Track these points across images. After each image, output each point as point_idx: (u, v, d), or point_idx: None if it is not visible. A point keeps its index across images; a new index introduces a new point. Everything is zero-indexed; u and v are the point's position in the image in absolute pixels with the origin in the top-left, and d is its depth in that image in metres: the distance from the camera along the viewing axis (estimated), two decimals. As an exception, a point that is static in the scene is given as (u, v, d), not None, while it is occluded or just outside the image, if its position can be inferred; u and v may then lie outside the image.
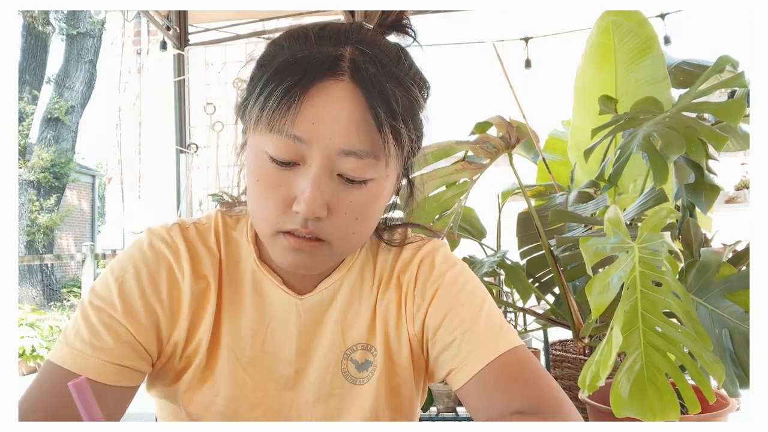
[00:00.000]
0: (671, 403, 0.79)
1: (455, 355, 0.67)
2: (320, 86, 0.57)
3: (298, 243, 0.61)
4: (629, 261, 0.90)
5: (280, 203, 0.60)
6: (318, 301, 0.71)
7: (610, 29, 1.95)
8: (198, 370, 0.69)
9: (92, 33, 10.47)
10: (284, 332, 0.70)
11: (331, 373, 0.71)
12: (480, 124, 1.69)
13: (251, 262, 0.71)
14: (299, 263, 0.63)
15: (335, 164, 0.59)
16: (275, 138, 0.58)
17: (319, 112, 0.57)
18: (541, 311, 1.81)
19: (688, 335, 0.84)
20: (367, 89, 0.58)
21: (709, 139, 1.21)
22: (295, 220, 0.60)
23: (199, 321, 0.68)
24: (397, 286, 0.72)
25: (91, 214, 13.98)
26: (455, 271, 0.72)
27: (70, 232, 12.65)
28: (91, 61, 10.53)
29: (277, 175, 0.60)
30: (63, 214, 10.45)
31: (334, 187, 0.60)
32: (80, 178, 12.67)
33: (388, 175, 0.63)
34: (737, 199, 4.02)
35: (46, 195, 9.99)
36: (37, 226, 9.85)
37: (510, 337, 0.68)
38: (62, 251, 11.75)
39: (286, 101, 0.57)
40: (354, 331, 0.72)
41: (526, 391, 0.63)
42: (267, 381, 0.70)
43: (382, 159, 0.60)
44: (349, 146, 0.58)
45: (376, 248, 0.75)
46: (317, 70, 0.57)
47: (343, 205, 0.60)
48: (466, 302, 0.69)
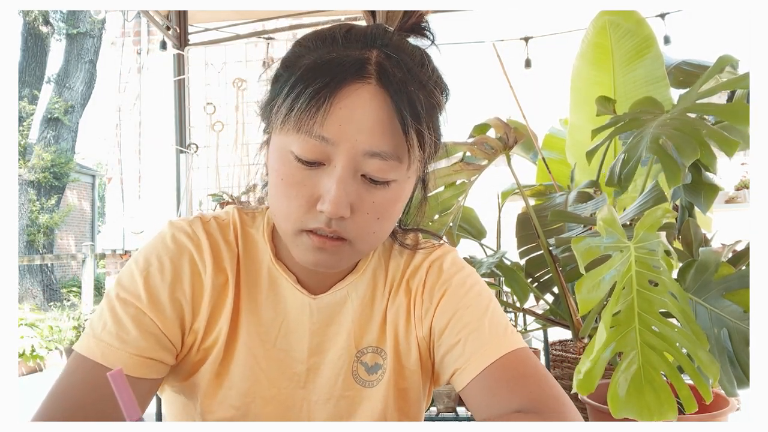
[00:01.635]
0: (668, 402, 0.79)
1: (459, 356, 0.69)
2: (348, 89, 0.59)
3: (321, 242, 0.62)
4: (625, 260, 0.90)
5: (304, 202, 0.61)
6: (331, 302, 0.72)
7: (607, 29, 1.95)
8: (215, 363, 0.69)
9: (92, 33, 10.46)
10: (297, 330, 0.72)
11: (342, 374, 0.72)
12: (478, 126, 1.69)
13: (267, 259, 0.72)
14: (320, 262, 0.64)
15: (360, 165, 0.60)
16: (302, 138, 0.59)
17: (346, 114, 0.59)
18: (541, 311, 1.82)
19: (684, 335, 0.84)
20: (394, 92, 0.59)
21: (720, 144, 1.20)
22: (319, 219, 0.61)
23: (218, 314, 0.70)
24: (406, 291, 0.74)
25: (91, 214, 13.98)
26: (463, 275, 0.74)
27: (70, 232, 12.66)
28: (91, 61, 10.52)
29: (302, 174, 0.61)
30: (63, 214, 10.45)
31: (358, 187, 0.61)
32: (80, 178, 12.67)
33: (410, 177, 0.65)
34: (737, 199, 4.03)
35: (46, 195, 9.99)
36: (37, 226, 9.85)
37: (513, 338, 0.69)
38: (62, 251, 11.75)
39: (315, 103, 0.58)
40: (365, 334, 0.73)
41: (527, 390, 0.64)
42: (280, 378, 0.71)
43: (404, 161, 0.61)
44: (375, 148, 0.59)
45: (389, 253, 0.77)
46: (345, 73, 0.59)
47: (366, 205, 0.62)
48: (472, 305, 0.71)
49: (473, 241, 1.90)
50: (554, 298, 1.77)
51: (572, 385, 0.84)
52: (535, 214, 1.67)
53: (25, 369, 4.73)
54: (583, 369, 0.82)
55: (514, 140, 1.60)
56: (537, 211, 1.75)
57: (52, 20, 10.55)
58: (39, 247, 9.97)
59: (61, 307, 6.84)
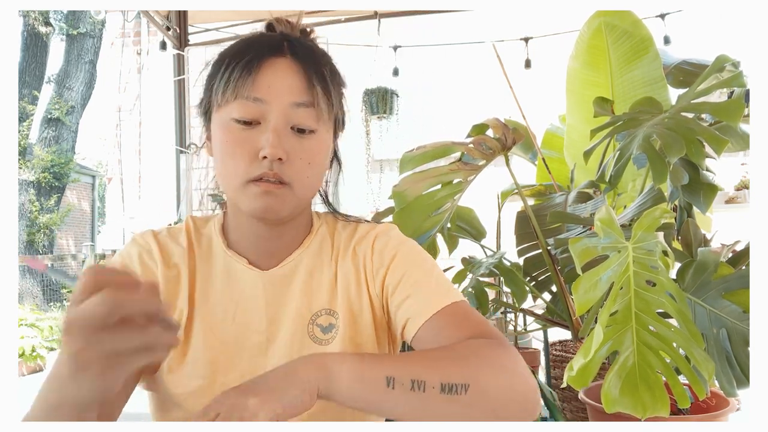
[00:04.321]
0: (661, 398, 0.80)
1: (410, 306, 0.78)
2: (270, 61, 0.76)
3: (266, 186, 0.74)
4: (623, 260, 0.90)
5: (247, 155, 0.74)
6: (281, 275, 0.82)
7: (603, 31, 1.94)
8: (177, 348, 0.77)
9: (92, 33, 10.46)
10: (253, 305, 0.81)
11: (299, 337, 0.80)
12: (476, 127, 1.69)
13: (220, 249, 0.84)
14: (268, 206, 0.75)
15: (289, 117, 0.75)
16: (240, 103, 0.75)
17: (272, 78, 0.75)
18: (541, 312, 1.82)
19: (681, 335, 0.85)
20: (304, 62, 0.77)
21: (710, 141, 1.20)
22: (263, 166, 0.74)
23: (173, 300, 0.80)
24: (353, 256, 0.84)
25: (91, 214, 13.98)
26: (411, 244, 0.86)
27: (70, 232, 12.66)
28: (91, 61, 10.52)
29: (243, 134, 0.75)
30: (63, 214, 10.44)
31: (290, 137, 0.76)
32: (80, 178, 12.67)
33: (327, 130, 0.81)
34: (737, 199, 4.02)
35: (46, 195, 9.99)
36: (37, 226, 9.85)
37: (457, 294, 0.79)
38: (62, 251, 11.75)
39: (247, 71, 0.74)
40: (317, 299, 0.82)
41: (473, 327, 0.74)
42: (241, 349, 0.80)
43: (321, 113, 0.77)
44: (298, 99, 0.76)
45: (333, 227, 0.89)
46: (266, 49, 0.77)
47: (298, 152, 0.76)
48: (421, 267, 0.82)
49: (473, 242, 1.89)
50: (552, 296, 1.77)
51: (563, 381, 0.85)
52: (535, 214, 1.67)
53: (25, 369, 4.73)
54: (576, 365, 0.83)
55: (513, 141, 1.60)
56: (536, 211, 1.75)
57: (52, 20, 10.56)
58: (39, 247, 9.97)
59: (61, 307, 6.84)
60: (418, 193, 1.63)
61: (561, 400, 1.60)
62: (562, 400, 1.60)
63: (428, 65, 5.17)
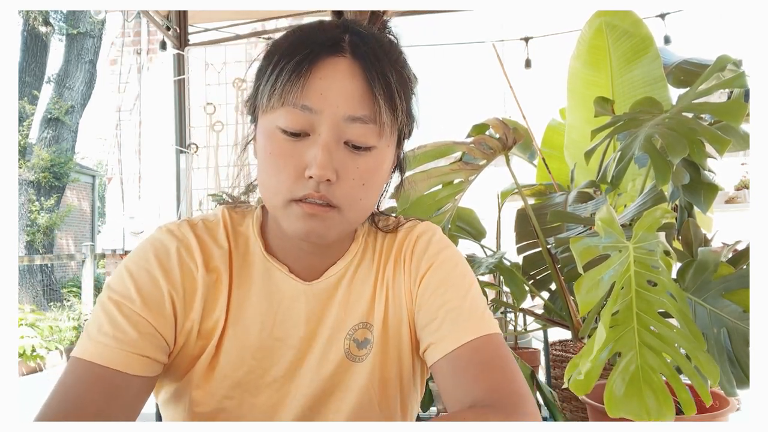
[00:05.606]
0: (666, 403, 0.80)
1: (435, 331, 0.71)
2: (325, 62, 0.64)
3: (310, 208, 0.65)
4: (623, 260, 0.90)
5: (292, 171, 0.65)
6: (325, 287, 0.75)
7: (604, 30, 1.95)
8: (207, 358, 0.71)
9: (92, 33, 10.45)
10: (292, 318, 0.73)
11: (332, 356, 0.74)
12: (477, 126, 1.69)
13: (259, 253, 0.75)
14: (311, 229, 0.66)
15: (342, 131, 0.65)
16: (287, 110, 0.64)
17: (326, 83, 0.64)
18: (541, 311, 1.81)
19: (682, 335, 0.84)
20: (366, 64, 0.65)
21: (712, 141, 1.20)
22: (308, 186, 0.64)
23: (211, 311, 0.72)
24: (395, 263, 0.77)
25: (91, 214, 13.97)
26: (450, 252, 0.77)
27: (70, 232, 12.65)
28: (91, 61, 10.51)
29: (289, 146, 0.65)
30: (63, 214, 10.43)
31: (342, 154, 0.65)
32: (80, 178, 12.66)
33: (388, 146, 0.70)
34: (737, 199, 4.02)
35: (46, 195, 9.98)
36: (37, 226, 9.84)
37: (489, 323, 0.71)
38: (62, 251, 11.74)
39: (297, 75, 0.63)
40: (355, 311, 0.75)
41: (491, 379, 0.66)
42: (274, 366, 0.73)
43: (382, 127, 0.66)
44: (355, 112, 0.64)
45: (374, 236, 0.80)
46: (321, 48, 0.65)
47: (351, 171, 0.66)
48: (456, 283, 0.74)
49: (473, 242, 1.89)
50: (550, 295, 1.76)
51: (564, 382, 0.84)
52: (535, 213, 1.67)
53: (25, 369, 4.73)
54: (584, 369, 0.82)
55: (513, 140, 1.60)
56: (536, 211, 1.75)
57: (52, 20, 10.55)
58: (39, 247, 9.96)
59: (61, 307, 6.84)
60: (419, 194, 1.63)
61: (561, 400, 1.60)
62: (562, 400, 1.60)
63: (428, 65, 5.17)
